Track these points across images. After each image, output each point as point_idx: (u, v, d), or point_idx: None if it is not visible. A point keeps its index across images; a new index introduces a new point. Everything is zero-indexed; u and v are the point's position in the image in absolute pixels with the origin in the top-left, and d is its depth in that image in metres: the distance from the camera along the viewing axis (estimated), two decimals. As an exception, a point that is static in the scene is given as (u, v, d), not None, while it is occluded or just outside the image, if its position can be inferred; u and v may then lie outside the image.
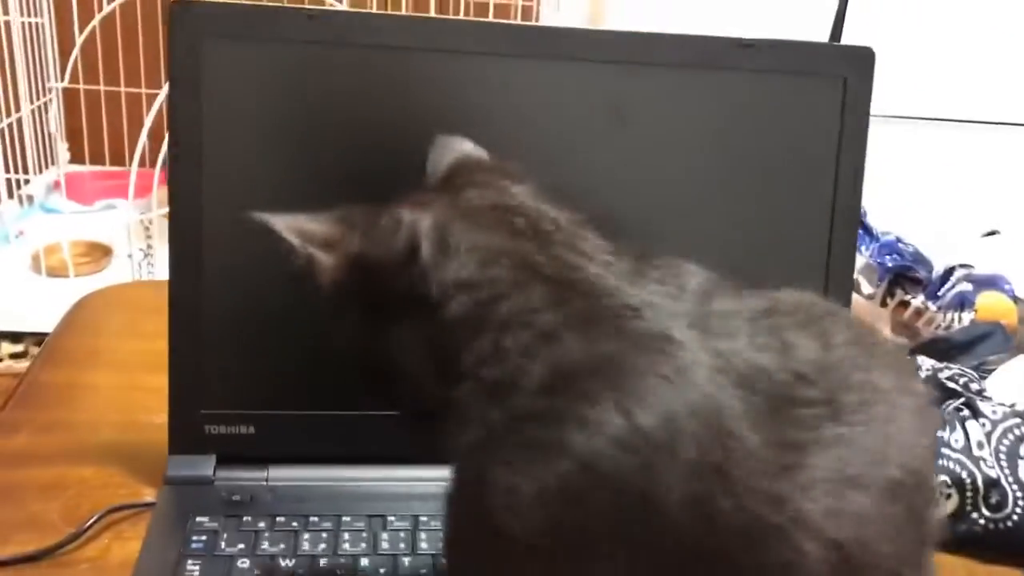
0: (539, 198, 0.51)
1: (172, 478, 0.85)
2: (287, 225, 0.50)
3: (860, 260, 1.21)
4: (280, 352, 0.86)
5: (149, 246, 1.75)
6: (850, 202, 0.90)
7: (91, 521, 0.81)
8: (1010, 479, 0.86)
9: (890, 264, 1.21)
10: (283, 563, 0.75)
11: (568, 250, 0.47)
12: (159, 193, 1.91)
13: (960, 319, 1.20)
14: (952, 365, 0.94)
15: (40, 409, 1.00)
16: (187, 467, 0.85)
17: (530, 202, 0.50)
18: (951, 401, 0.91)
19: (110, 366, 1.09)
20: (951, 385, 0.92)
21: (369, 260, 0.48)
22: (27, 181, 2.51)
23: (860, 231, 1.13)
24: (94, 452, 0.92)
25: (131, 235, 1.82)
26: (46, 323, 1.20)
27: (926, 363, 0.97)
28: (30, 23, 2.51)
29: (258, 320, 0.87)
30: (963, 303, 1.20)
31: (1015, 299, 1.24)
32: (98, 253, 2.43)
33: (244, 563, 0.75)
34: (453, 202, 0.49)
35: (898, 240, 1.23)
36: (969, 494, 0.86)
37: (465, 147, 0.57)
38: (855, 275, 1.17)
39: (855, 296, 1.23)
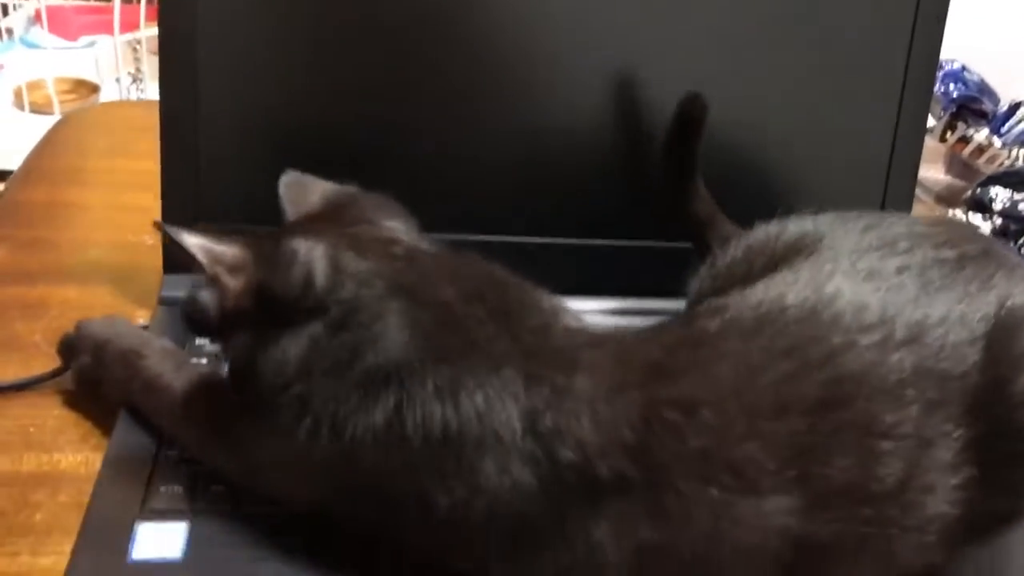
0: (410, 231, 0.59)
1: (167, 299, 0.76)
2: (199, 244, 0.54)
3: (923, 88, 1.10)
4: (280, 161, 0.76)
5: (138, 69, 1.62)
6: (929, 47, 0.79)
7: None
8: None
9: (955, 94, 1.10)
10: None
11: (434, 272, 0.54)
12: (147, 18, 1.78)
13: (1025, 157, 1.10)
14: (1033, 194, 0.85)
15: (20, 227, 0.91)
16: (184, 287, 0.76)
17: (403, 235, 0.58)
18: (1030, 234, 0.82)
19: (97, 185, 0.99)
20: (1032, 216, 0.83)
21: (270, 287, 0.53)
22: (5, 13, 2.36)
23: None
24: (79, 272, 0.83)
25: (119, 59, 1.69)
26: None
27: (1001, 194, 0.87)
28: None
29: (256, 128, 0.77)
30: (1030, 139, 1.10)
31: (1084, 137, 1.13)
32: (84, 90, 2.30)
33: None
34: (341, 233, 0.56)
35: (963, 68, 1.12)
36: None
37: (328, 185, 0.63)
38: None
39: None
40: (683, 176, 0.74)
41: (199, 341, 0.72)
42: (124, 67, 1.73)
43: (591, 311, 0.58)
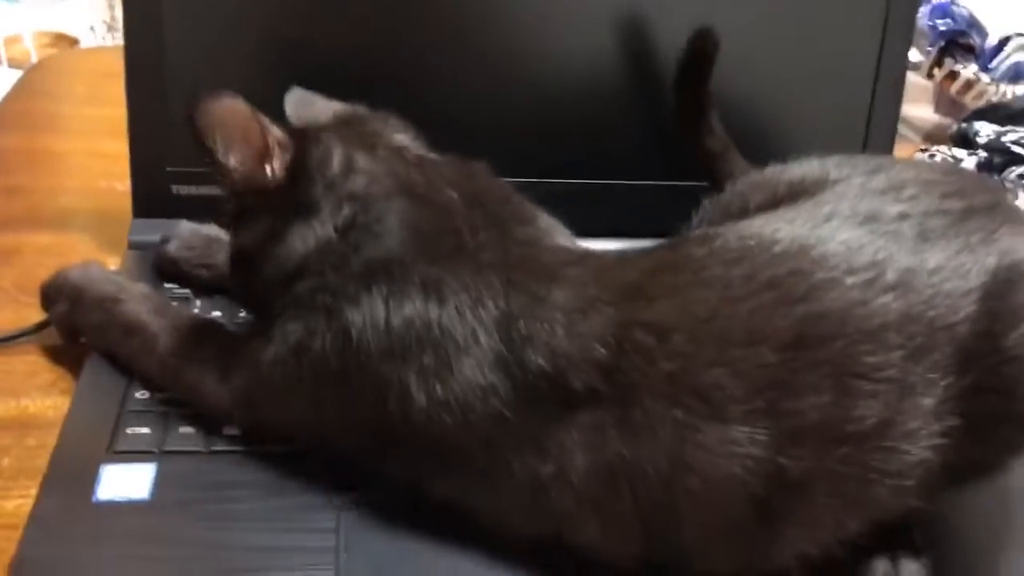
0: (418, 143, 0.60)
1: (137, 243, 0.75)
2: (258, 116, 0.55)
3: (910, 22, 1.08)
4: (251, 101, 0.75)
5: (113, 18, 1.59)
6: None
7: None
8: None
9: (942, 28, 1.08)
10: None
11: (440, 177, 0.56)
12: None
13: (1014, 93, 1.08)
14: (1018, 128, 0.84)
15: (-7, 174, 0.90)
16: (154, 231, 0.75)
17: (412, 144, 0.59)
18: (1014, 167, 0.81)
19: (71, 132, 0.98)
20: (1016, 149, 0.82)
21: (299, 171, 0.55)
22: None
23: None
24: (53, 219, 0.83)
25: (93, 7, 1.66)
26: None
27: (986, 128, 0.86)
28: None
29: (224, 69, 0.75)
30: (1018, 75, 1.08)
31: (1075, 72, 1.12)
32: (64, 44, 2.26)
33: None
34: (353, 136, 0.58)
35: (952, 2, 1.10)
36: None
37: (335, 103, 0.64)
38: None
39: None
40: (696, 112, 0.73)
41: (168, 284, 0.71)
42: (99, 16, 1.69)
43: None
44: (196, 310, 0.69)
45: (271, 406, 0.56)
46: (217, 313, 0.69)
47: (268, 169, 0.55)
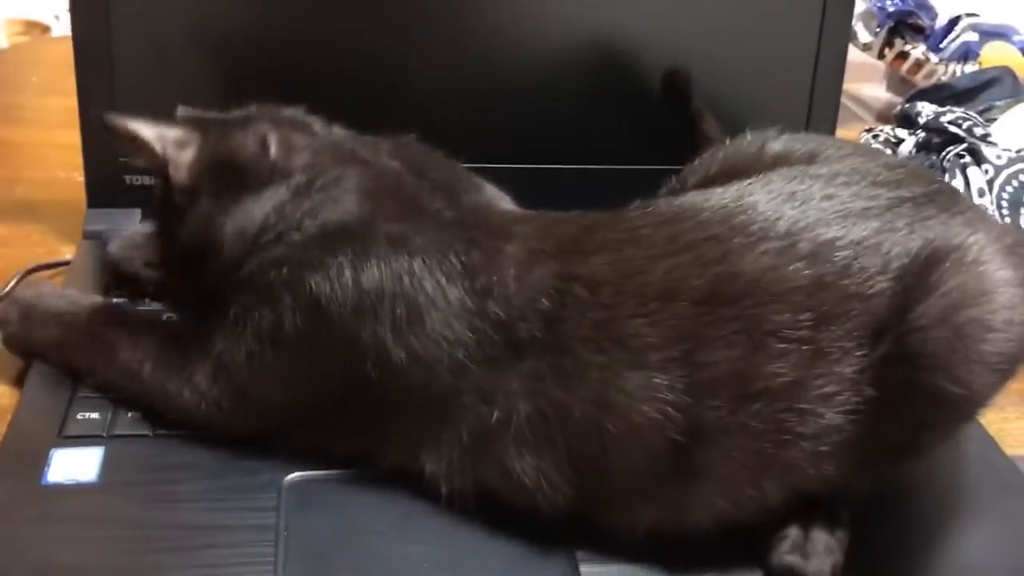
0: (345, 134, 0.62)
1: (91, 232, 0.77)
2: (146, 127, 0.58)
3: (859, 4, 1.09)
4: (204, 90, 0.76)
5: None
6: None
7: (12, 283, 0.73)
8: (1011, 228, 0.80)
9: (891, 9, 1.10)
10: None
11: (380, 150, 0.60)
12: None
13: (963, 72, 1.10)
14: (956, 109, 0.86)
15: (-49, 167, 0.91)
16: (107, 221, 0.76)
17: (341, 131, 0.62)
18: (952, 147, 0.83)
19: (29, 122, 0.99)
20: (953, 129, 0.84)
21: (227, 155, 0.58)
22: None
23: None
24: (8, 210, 0.84)
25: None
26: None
27: (926, 108, 0.88)
28: None
29: (174, 58, 0.76)
30: (967, 54, 1.10)
31: None
32: (36, 31, 2.25)
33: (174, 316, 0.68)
34: (275, 121, 0.60)
35: (901, -17, 1.12)
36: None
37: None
38: (852, 23, 1.06)
39: (850, 49, 1.12)
40: (686, 113, 0.79)
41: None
42: (64, 4, 1.69)
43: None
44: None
45: (248, 400, 0.56)
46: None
47: (174, 171, 0.57)
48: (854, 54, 1.14)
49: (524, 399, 0.52)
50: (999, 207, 0.79)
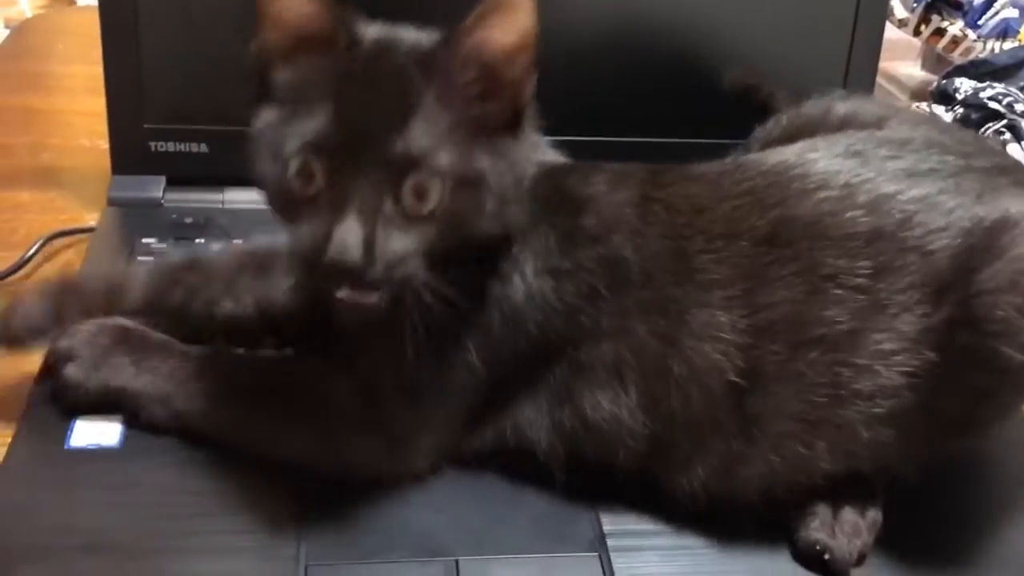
0: None
1: (116, 199, 0.76)
2: None
3: (896, -21, 1.07)
4: (235, 55, 0.75)
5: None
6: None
7: (34, 248, 0.72)
8: (1051, 207, 0.78)
9: (928, -16, 1.08)
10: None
11: None
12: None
13: (1001, 49, 1.07)
14: (996, 84, 0.84)
15: (-24, 132, 0.90)
16: (132, 188, 0.76)
17: None
18: (991, 123, 0.81)
19: (54, 90, 0.99)
20: (993, 105, 0.82)
21: None
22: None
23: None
24: (33, 176, 0.83)
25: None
26: None
27: (965, 84, 0.86)
28: None
29: (200, 27, 0.74)
30: (1006, 31, 1.08)
31: (1064, 29, 1.11)
32: (61, 3, 2.26)
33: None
34: None
35: (939, -42, 1.09)
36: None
37: None
38: (888, -1, 1.04)
39: (887, 25, 1.10)
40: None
41: (145, 240, 0.72)
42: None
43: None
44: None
45: (436, 421, 0.53)
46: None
47: None
48: (889, 31, 1.12)
49: (608, 339, 0.51)
50: (1039, 185, 0.78)
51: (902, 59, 1.20)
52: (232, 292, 0.59)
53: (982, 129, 0.81)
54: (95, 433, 0.54)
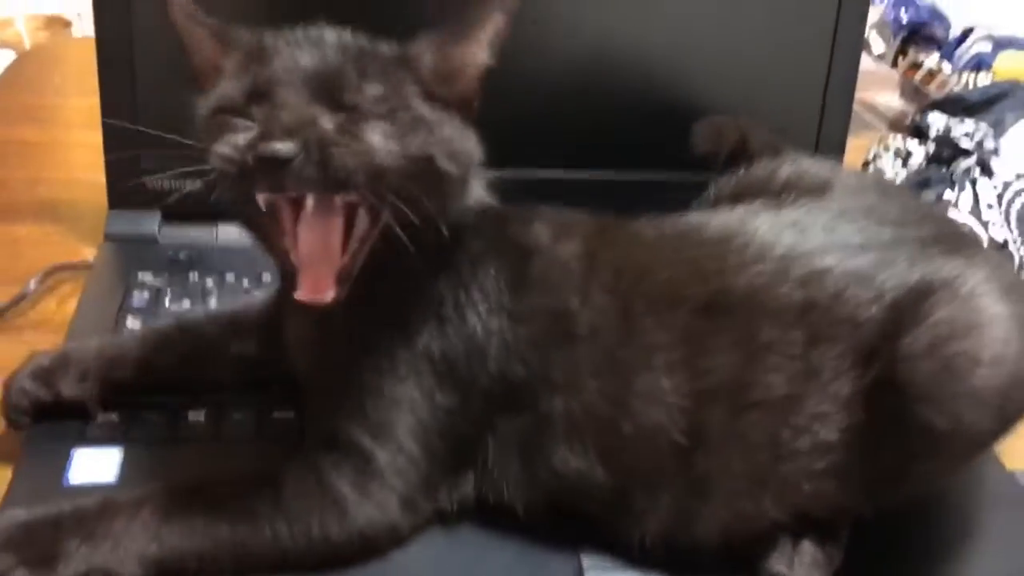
0: None
1: (112, 235, 0.78)
2: None
3: (873, 14, 1.10)
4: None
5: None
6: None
7: (34, 282, 0.74)
8: (1019, 242, 0.80)
9: (905, 19, 1.11)
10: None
11: None
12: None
13: (976, 82, 1.10)
14: (967, 121, 0.86)
15: (-27, 166, 0.92)
16: (128, 223, 0.78)
17: None
18: (961, 160, 0.84)
19: (50, 122, 1.01)
20: (964, 143, 0.84)
21: None
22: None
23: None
24: (29, 210, 0.85)
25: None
26: None
27: (938, 121, 0.88)
28: None
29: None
30: (980, 65, 1.11)
31: (1037, 62, 1.14)
32: (57, 26, 2.28)
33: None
34: None
35: (915, -7, 1.12)
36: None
37: None
38: (865, 33, 1.07)
39: (864, 58, 1.13)
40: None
41: (141, 275, 0.74)
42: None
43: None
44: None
45: (432, 473, 0.54)
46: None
47: None
48: (868, 63, 1.15)
49: (561, 394, 0.53)
50: (1007, 221, 0.80)
51: (881, 89, 1.23)
52: (222, 356, 0.62)
53: (951, 165, 0.84)
54: (92, 469, 0.56)
